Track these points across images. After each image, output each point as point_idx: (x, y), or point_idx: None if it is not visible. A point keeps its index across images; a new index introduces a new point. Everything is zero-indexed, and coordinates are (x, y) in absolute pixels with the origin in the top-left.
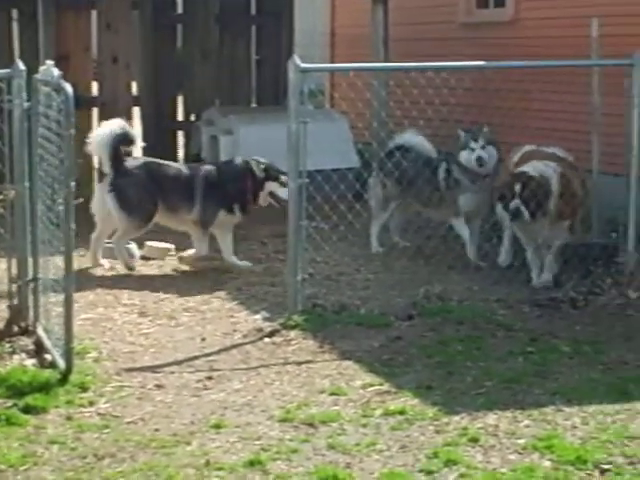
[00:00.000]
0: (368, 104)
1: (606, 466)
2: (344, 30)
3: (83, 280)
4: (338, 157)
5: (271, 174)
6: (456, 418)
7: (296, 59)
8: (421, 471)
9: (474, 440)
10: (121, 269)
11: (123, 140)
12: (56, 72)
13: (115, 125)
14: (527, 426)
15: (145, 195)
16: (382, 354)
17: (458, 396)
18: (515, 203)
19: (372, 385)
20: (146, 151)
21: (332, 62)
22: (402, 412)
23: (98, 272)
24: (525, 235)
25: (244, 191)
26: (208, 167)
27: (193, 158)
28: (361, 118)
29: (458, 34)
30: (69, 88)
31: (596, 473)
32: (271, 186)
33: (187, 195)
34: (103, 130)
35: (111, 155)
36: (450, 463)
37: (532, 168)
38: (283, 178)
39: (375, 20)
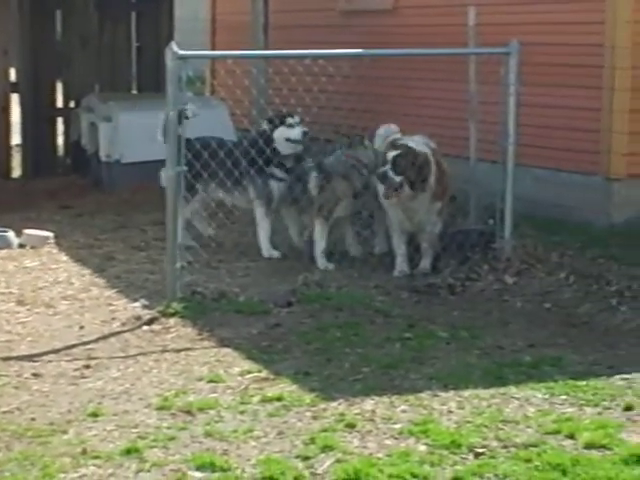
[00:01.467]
0: (247, 91)
1: (480, 450)
2: (225, 17)
3: None
4: None
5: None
6: (333, 404)
7: (173, 46)
8: (297, 457)
9: (351, 426)
10: None
11: None
12: None
13: None
14: (404, 411)
15: None
16: (261, 341)
17: (336, 382)
18: (383, 169)
19: (250, 372)
20: (24, 138)
21: (213, 49)
22: (280, 399)
23: None
24: (403, 215)
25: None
26: None
27: (73, 145)
28: (240, 105)
29: (338, 21)
30: None
31: (470, 457)
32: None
33: None
34: None
35: None
36: (327, 449)
37: (413, 142)
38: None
39: (255, 7)
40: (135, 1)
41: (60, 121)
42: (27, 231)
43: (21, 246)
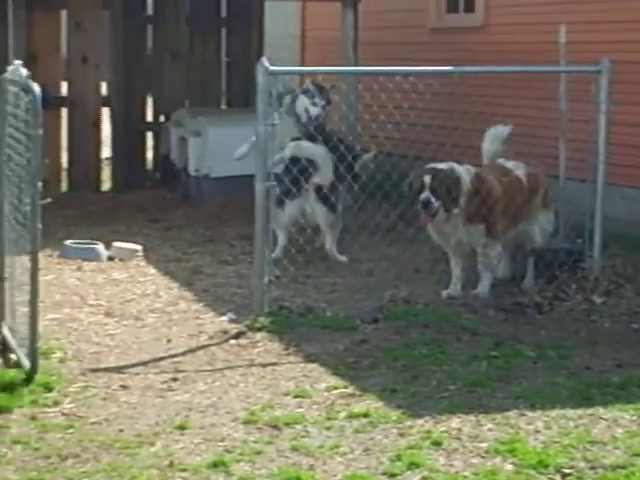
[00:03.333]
0: (337, 107)
1: (568, 470)
2: (314, 33)
3: (49, 280)
4: None
5: None
6: (420, 421)
7: (264, 61)
8: (384, 474)
9: (437, 443)
10: (88, 270)
11: None
12: (24, 72)
13: None
14: (490, 430)
15: None
16: (347, 357)
17: (422, 399)
18: (425, 195)
19: (337, 388)
20: (114, 152)
21: (302, 65)
22: (366, 415)
23: (64, 272)
24: (439, 237)
25: None
26: None
27: (162, 159)
28: (329, 121)
29: (428, 39)
30: (37, 88)
31: (558, 477)
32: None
33: None
34: None
35: None
36: (413, 466)
37: (444, 165)
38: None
39: (345, 23)
40: (225, 16)
41: (150, 135)
42: (116, 244)
43: (110, 259)
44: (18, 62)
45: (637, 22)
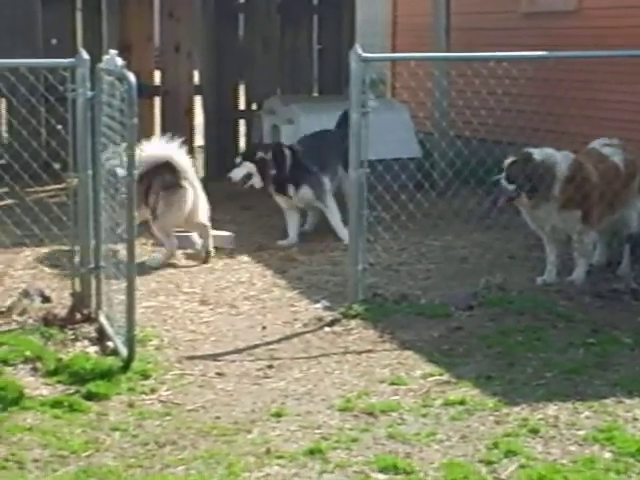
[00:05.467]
0: (430, 94)
1: None
2: (406, 19)
3: (145, 268)
4: (399, 147)
5: None
6: (516, 409)
7: (358, 48)
8: (481, 461)
9: (534, 431)
10: (183, 258)
11: None
12: (119, 61)
13: None
14: (587, 417)
15: None
16: (442, 344)
17: (518, 387)
18: (497, 177)
19: (432, 375)
20: (207, 140)
21: (393, 51)
22: (462, 402)
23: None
24: (533, 223)
25: None
26: None
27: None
28: (422, 108)
29: (520, 23)
30: (132, 77)
31: None
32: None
33: None
34: None
35: None
36: (510, 454)
37: (538, 150)
38: None
39: (437, 9)
40: (317, 4)
41: (242, 123)
42: (210, 232)
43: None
44: (113, 52)
45: None
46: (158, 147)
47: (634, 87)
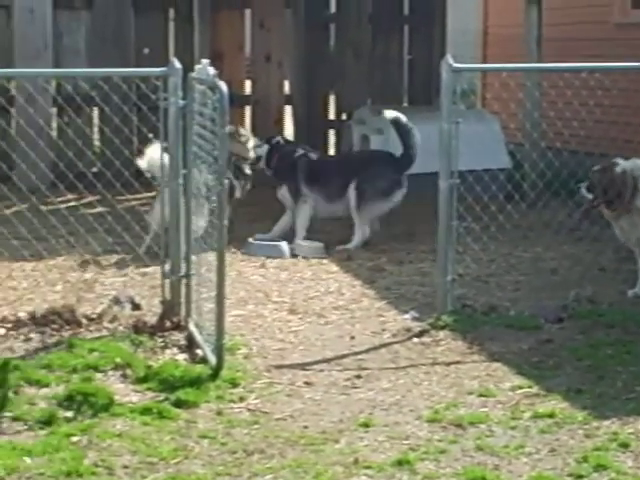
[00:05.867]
0: (520, 105)
1: None
2: (497, 30)
3: (234, 277)
4: (489, 158)
5: None
6: (606, 422)
7: (449, 59)
8: (570, 475)
9: (624, 445)
10: (271, 266)
11: None
12: (211, 71)
13: None
14: None
15: None
16: (531, 356)
17: (608, 400)
18: (580, 184)
19: (521, 387)
20: None
21: (484, 62)
22: (551, 415)
23: (248, 269)
24: (621, 234)
25: None
26: None
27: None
28: (513, 119)
29: (613, 34)
30: (224, 87)
31: None
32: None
33: None
34: None
35: None
36: (600, 468)
37: (625, 161)
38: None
39: (529, 20)
40: (408, 14)
41: (332, 133)
42: (299, 241)
43: (294, 256)
44: (206, 61)
45: None
46: None
47: None
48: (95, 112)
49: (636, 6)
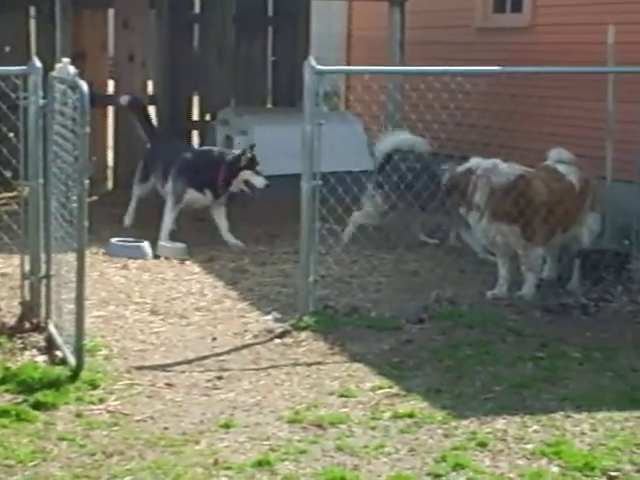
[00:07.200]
0: (383, 107)
1: (614, 473)
2: (360, 32)
3: (95, 278)
4: (352, 159)
5: (246, 163)
6: (465, 422)
7: (312, 61)
8: (429, 474)
9: (482, 444)
10: (134, 268)
11: None
12: (72, 70)
13: None
14: (536, 431)
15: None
16: (392, 357)
17: (467, 400)
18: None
19: (381, 388)
20: None
21: (348, 64)
22: (411, 415)
23: (110, 270)
24: (479, 235)
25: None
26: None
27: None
28: (375, 121)
29: (474, 39)
30: (85, 86)
31: None
32: (246, 174)
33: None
34: None
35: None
36: (458, 467)
37: (469, 161)
38: (258, 168)
39: (392, 23)
40: (272, 15)
41: (196, 134)
42: (162, 242)
43: (156, 257)
44: (66, 60)
45: None
46: None
47: (585, 103)
48: None
49: (497, 11)
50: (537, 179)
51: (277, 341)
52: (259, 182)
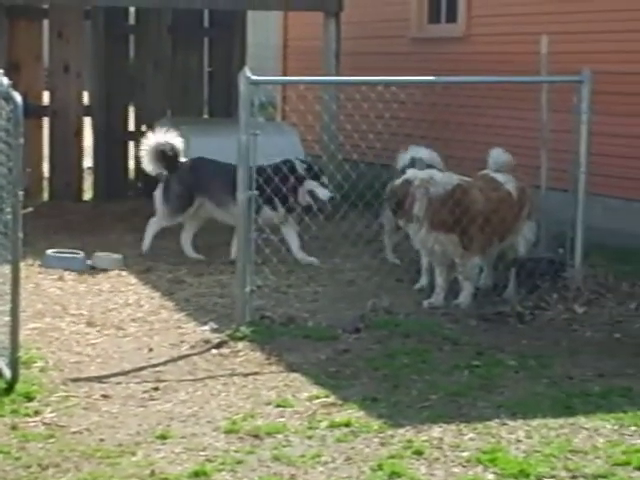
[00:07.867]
0: (318, 117)
1: (549, 479)
2: (296, 43)
3: (31, 289)
4: None
5: (312, 174)
6: (401, 431)
7: (247, 71)
8: None
9: (419, 453)
10: (70, 279)
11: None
12: (5, 81)
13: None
14: (471, 439)
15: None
16: (329, 366)
17: (403, 409)
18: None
19: (318, 397)
20: (96, 161)
21: (284, 75)
22: (347, 424)
23: (45, 282)
24: (416, 243)
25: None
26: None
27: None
28: (311, 131)
29: (409, 49)
30: (18, 97)
31: None
32: (311, 185)
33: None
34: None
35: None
36: (394, 475)
37: (410, 172)
38: (324, 179)
39: (327, 34)
40: (208, 26)
41: (132, 145)
42: (98, 253)
43: (92, 268)
44: (0, 71)
45: (617, 33)
46: None
47: (519, 113)
48: None
49: (432, 21)
50: (474, 188)
51: (214, 351)
52: (323, 194)
